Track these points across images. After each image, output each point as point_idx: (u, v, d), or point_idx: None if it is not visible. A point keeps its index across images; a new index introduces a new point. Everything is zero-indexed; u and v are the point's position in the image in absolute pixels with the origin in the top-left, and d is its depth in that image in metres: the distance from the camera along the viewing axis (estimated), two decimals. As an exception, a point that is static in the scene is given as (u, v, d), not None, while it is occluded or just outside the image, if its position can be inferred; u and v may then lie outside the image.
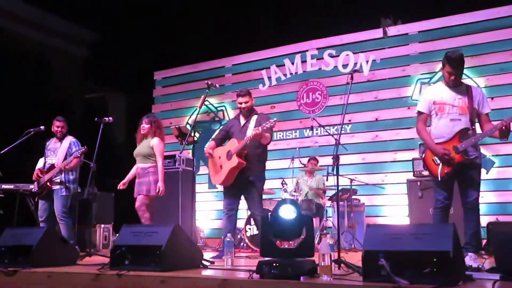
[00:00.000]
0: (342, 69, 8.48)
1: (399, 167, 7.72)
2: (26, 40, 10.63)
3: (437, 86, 4.60)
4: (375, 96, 8.13)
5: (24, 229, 4.35)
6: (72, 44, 11.89)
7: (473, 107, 4.30)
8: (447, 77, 4.32)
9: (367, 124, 8.09)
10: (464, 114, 4.26)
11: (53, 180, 5.84)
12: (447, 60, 4.28)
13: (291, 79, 8.93)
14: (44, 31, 11.23)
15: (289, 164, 7.69)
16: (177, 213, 7.40)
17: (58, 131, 6.03)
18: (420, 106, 4.52)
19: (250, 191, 5.09)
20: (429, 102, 4.40)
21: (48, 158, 6.01)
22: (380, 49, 8.26)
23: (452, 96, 4.33)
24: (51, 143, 6.10)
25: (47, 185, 5.81)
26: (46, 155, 6.06)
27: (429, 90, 4.62)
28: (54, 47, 11.24)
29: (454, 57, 4.25)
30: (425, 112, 4.44)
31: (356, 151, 7.93)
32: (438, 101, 4.37)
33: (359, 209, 7.21)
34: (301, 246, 3.20)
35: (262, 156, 5.24)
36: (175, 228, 3.65)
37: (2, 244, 4.11)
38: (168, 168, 7.55)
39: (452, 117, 4.28)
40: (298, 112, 8.74)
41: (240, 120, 5.37)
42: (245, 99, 5.27)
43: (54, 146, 6.03)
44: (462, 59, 4.31)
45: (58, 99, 10.67)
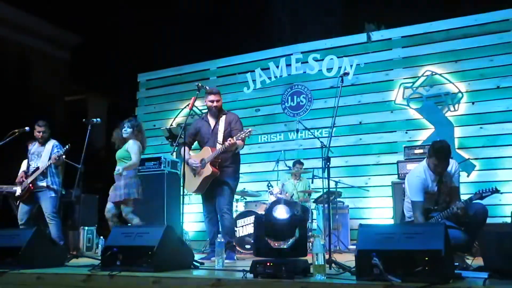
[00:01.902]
0: (327, 73, 8.58)
1: (382, 170, 7.83)
2: (7, 41, 10.49)
3: (424, 173, 4.35)
4: (358, 100, 8.24)
5: (12, 230, 4.30)
6: (54, 46, 11.78)
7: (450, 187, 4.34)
8: (433, 167, 4.26)
9: (351, 128, 8.19)
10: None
11: (36, 183, 5.76)
12: (434, 152, 4.21)
13: (276, 82, 8.99)
14: (26, 33, 11.11)
15: (274, 166, 7.72)
16: (162, 215, 7.35)
17: (39, 136, 5.96)
18: (417, 195, 4.29)
19: (222, 188, 5.05)
20: (421, 190, 4.28)
21: (32, 162, 5.93)
22: (364, 54, 8.38)
23: (436, 183, 4.32)
24: (34, 147, 6.04)
25: (30, 187, 5.74)
26: (30, 159, 5.98)
27: (420, 179, 4.33)
28: (35, 49, 11.12)
29: (441, 152, 4.19)
30: (422, 200, 4.28)
31: (340, 154, 8.02)
32: (428, 191, 4.31)
33: (343, 211, 7.29)
34: (294, 246, 3.25)
35: (234, 158, 5.18)
36: (167, 229, 3.66)
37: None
38: (153, 170, 7.53)
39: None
40: (283, 115, 8.80)
41: (208, 121, 5.27)
42: (217, 97, 5.20)
43: (38, 150, 5.97)
44: (449, 153, 4.23)
45: (39, 101, 10.55)
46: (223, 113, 5.25)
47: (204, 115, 5.54)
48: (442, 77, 7.80)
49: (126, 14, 10.11)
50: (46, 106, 10.68)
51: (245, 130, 4.79)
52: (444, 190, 4.28)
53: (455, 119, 7.61)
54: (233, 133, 5.05)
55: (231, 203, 5.23)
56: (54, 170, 5.87)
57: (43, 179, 5.79)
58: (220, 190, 5.04)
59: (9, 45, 10.38)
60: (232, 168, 5.12)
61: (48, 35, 11.59)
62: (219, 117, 5.20)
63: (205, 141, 5.19)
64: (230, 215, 5.08)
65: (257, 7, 8.99)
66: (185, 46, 9.56)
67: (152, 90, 10.17)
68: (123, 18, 10.09)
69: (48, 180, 5.79)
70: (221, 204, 5.02)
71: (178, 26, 9.64)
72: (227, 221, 5.02)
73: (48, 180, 5.79)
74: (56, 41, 11.75)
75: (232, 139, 4.78)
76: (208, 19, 9.48)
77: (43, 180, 5.79)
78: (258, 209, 7.00)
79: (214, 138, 5.12)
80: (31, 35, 11.18)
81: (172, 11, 9.60)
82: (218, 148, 4.95)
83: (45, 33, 11.52)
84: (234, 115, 5.27)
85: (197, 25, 9.53)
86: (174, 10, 9.60)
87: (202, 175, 5.00)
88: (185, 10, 9.58)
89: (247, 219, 6.79)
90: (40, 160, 5.84)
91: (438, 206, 4.26)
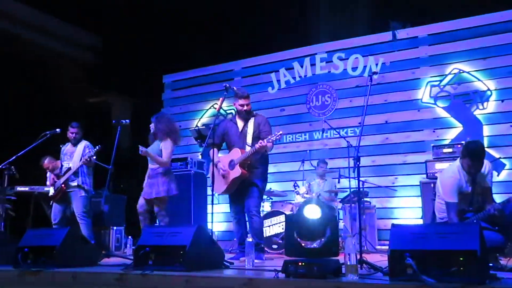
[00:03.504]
0: (352, 72, 8.54)
1: (410, 170, 7.76)
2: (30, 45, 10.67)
3: (458, 173, 4.27)
4: (384, 99, 8.17)
5: (46, 230, 4.39)
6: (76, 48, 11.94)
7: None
8: (466, 168, 4.19)
9: (377, 127, 8.13)
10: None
11: (68, 183, 5.88)
12: (467, 153, 4.14)
13: (301, 82, 8.98)
14: (47, 35, 11.27)
15: (300, 166, 7.72)
16: (189, 215, 7.43)
17: (72, 137, 6.10)
18: (451, 196, 4.22)
19: (251, 190, 5.07)
20: (456, 191, 4.21)
21: (64, 162, 6.08)
22: (389, 52, 8.31)
23: (470, 183, 4.25)
24: (67, 148, 6.17)
25: (62, 187, 5.86)
26: (62, 160, 6.12)
27: (454, 180, 4.26)
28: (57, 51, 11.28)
29: (475, 153, 4.12)
30: (457, 201, 4.21)
31: (366, 153, 7.95)
32: (462, 192, 4.24)
33: (370, 211, 7.24)
34: (326, 246, 3.25)
35: (263, 160, 5.19)
36: (198, 229, 3.70)
37: (25, 244, 4.15)
38: (180, 170, 7.61)
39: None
40: (308, 115, 8.79)
41: (237, 123, 5.29)
42: (247, 101, 5.21)
43: (70, 150, 6.10)
44: (483, 154, 4.15)
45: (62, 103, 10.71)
46: (251, 115, 5.27)
47: (232, 116, 5.57)
48: (470, 75, 7.69)
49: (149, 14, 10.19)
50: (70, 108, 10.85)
51: (276, 133, 4.77)
52: (478, 190, 4.22)
53: (484, 118, 7.49)
54: (262, 135, 5.06)
55: (260, 204, 5.26)
56: (85, 170, 5.98)
57: (75, 179, 5.91)
58: (249, 191, 5.06)
59: (30, 48, 10.57)
60: (260, 169, 5.13)
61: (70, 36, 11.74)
62: (248, 119, 5.22)
63: (233, 143, 5.21)
64: (259, 217, 5.10)
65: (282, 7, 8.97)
66: (209, 47, 9.58)
67: (178, 91, 10.27)
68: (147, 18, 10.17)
69: (79, 180, 5.91)
70: (250, 205, 5.04)
71: (203, 27, 9.67)
72: (256, 223, 5.03)
73: (79, 180, 5.91)
74: (78, 43, 11.91)
75: (263, 142, 4.78)
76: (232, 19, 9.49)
77: (75, 180, 5.91)
78: (284, 209, 7.00)
79: (243, 140, 5.14)
80: (52, 37, 11.34)
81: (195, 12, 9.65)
82: (248, 150, 4.97)
83: (67, 34, 11.67)
84: (263, 117, 5.29)
85: (221, 25, 9.55)
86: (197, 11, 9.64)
87: (231, 176, 5.02)
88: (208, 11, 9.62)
89: (274, 219, 6.80)
90: (72, 161, 5.96)
91: (472, 206, 4.20)
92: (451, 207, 4.16)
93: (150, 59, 10.10)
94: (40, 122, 8.24)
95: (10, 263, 4.14)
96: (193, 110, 9.93)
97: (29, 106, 9.52)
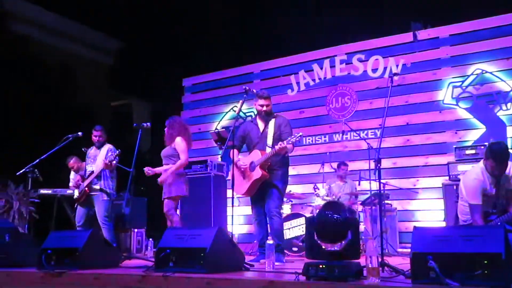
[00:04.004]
0: (372, 74, 8.47)
1: (431, 172, 7.66)
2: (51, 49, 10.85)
3: (481, 175, 4.22)
4: (405, 100, 8.09)
5: (69, 232, 4.45)
6: (98, 52, 12.10)
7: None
8: (490, 170, 4.13)
9: (398, 128, 8.05)
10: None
11: (92, 186, 5.95)
12: (491, 154, 4.08)
13: (320, 84, 8.94)
14: (69, 40, 11.43)
15: (320, 168, 7.69)
16: (208, 218, 7.44)
17: (96, 140, 6.17)
18: (475, 198, 4.16)
19: (271, 191, 5.06)
20: (480, 193, 4.15)
21: (88, 166, 6.16)
22: (410, 53, 8.22)
23: (493, 185, 4.19)
24: (91, 151, 6.25)
25: (86, 190, 5.93)
26: (86, 163, 6.21)
27: (478, 182, 4.20)
28: (79, 56, 11.43)
29: (499, 154, 4.06)
30: (481, 204, 4.14)
31: (387, 155, 7.87)
32: (486, 194, 4.18)
33: (391, 214, 7.16)
34: (347, 248, 3.22)
35: (283, 161, 5.18)
36: (218, 231, 3.71)
37: (48, 246, 4.22)
38: (200, 173, 7.64)
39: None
40: (328, 117, 8.75)
41: (258, 125, 5.30)
42: (267, 102, 5.21)
43: (94, 154, 6.18)
44: (507, 155, 4.08)
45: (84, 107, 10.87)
46: (272, 116, 5.26)
47: (253, 118, 5.58)
48: (493, 75, 7.56)
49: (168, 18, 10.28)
50: (92, 112, 11.00)
51: (296, 134, 4.76)
52: (502, 192, 4.15)
53: (508, 118, 7.35)
54: (283, 136, 5.05)
55: (281, 206, 5.24)
56: (108, 174, 6.04)
57: (97, 182, 5.97)
58: (269, 193, 5.06)
59: (52, 53, 10.75)
60: (281, 171, 5.12)
61: (91, 41, 11.91)
62: (269, 120, 5.21)
63: (254, 144, 5.21)
64: (279, 218, 5.08)
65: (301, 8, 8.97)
66: (229, 49, 9.64)
67: (198, 94, 10.32)
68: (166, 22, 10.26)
69: (102, 183, 5.97)
70: (271, 206, 5.03)
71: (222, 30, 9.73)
72: (276, 223, 5.02)
73: (102, 183, 5.97)
74: (99, 47, 12.07)
75: (283, 143, 4.77)
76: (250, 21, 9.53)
77: (97, 183, 5.97)
78: (304, 211, 6.98)
79: (263, 141, 5.14)
80: (74, 41, 11.52)
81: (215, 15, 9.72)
82: (269, 152, 4.97)
83: (88, 39, 11.84)
84: (284, 119, 5.28)
85: (240, 28, 9.60)
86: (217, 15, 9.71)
87: (252, 178, 5.02)
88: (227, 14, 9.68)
89: (294, 222, 6.77)
90: (95, 164, 6.03)
91: (496, 209, 4.13)
92: (475, 209, 4.10)
93: (170, 62, 10.20)
94: (63, 125, 8.39)
95: (34, 265, 4.21)
96: (213, 113, 9.96)
97: (53, 109, 9.68)
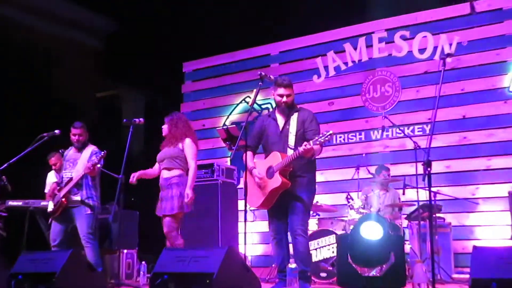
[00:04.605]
0: (419, 55, 8.43)
1: (494, 177, 7.63)
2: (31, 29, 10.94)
3: None
4: (461, 87, 8.04)
5: (44, 253, 4.50)
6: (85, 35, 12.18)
7: None
8: None
9: (452, 123, 8.01)
10: None
11: (70, 197, 5.98)
12: None
13: (354, 69, 8.93)
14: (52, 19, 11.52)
15: (354, 174, 7.66)
16: (216, 236, 7.46)
17: (75, 140, 6.16)
18: None
19: (294, 204, 5.02)
20: None
21: (66, 171, 6.15)
22: (467, 29, 8.16)
23: None
24: (70, 153, 6.26)
25: (63, 202, 5.96)
26: (64, 167, 6.22)
27: None
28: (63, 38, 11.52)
29: None
30: None
31: (439, 157, 7.82)
32: None
33: (444, 231, 7.12)
34: (388, 274, 3.21)
35: (309, 166, 5.15)
36: (228, 252, 3.71)
37: (19, 270, 4.26)
38: (204, 180, 7.66)
39: None
40: (363, 110, 8.74)
41: (276, 120, 5.27)
42: (288, 91, 5.17)
43: (74, 157, 6.17)
44: None
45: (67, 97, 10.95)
46: (295, 109, 5.23)
47: (270, 111, 5.57)
48: None
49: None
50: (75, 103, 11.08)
51: (324, 133, 4.72)
52: None
53: None
54: (308, 135, 5.03)
55: (307, 222, 5.18)
56: (90, 182, 6.07)
57: (77, 192, 5.99)
58: (292, 206, 5.04)
59: (34, 33, 10.84)
60: (306, 178, 5.09)
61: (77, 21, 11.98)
62: (290, 115, 5.20)
63: (272, 145, 5.19)
64: (305, 238, 5.04)
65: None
66: (239, 27, 9.60)
67: (201, 82, 10.36)
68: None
69: (83, 194, 5.98)
70: (294, 223, 5.01)
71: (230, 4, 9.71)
72: (301, 245, 4.99)
73: (83, 193, 5.98)
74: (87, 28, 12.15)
75: (308, 144, 4.75)
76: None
77: (77, 193, 5.98)
78: (335, 227, 6.96)
79: (284, 141, 5.12)
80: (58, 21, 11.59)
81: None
82: (290, 154, 4.93)
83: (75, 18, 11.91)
84: (309, 112, 5.25)
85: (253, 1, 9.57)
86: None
87: (270, 186, 5.00)
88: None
89: (322, 240, 6.74)
90: (75, 169, 6.05)
91: None
92: None
93: (167, 43, 10.20)
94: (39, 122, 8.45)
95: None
96: (220, 105, 10.01)
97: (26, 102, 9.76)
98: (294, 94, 5.26)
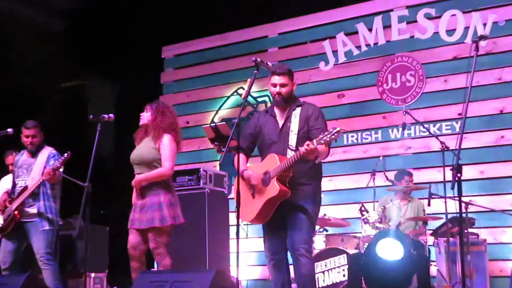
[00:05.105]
0: (446, 37, 8.46)
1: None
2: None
3: None
4: (498, 77, 8.08)
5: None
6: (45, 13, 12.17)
7: None
8: None
9: (487, 120, 8.05)
10: None
11: (24, 209, 5.95)
12: None
13: (368, 54, 8.97)
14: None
15: (369, 181, 7.67)
16: (202, 255, 7.46)
17: (28, 142, 6.14)
18: None
19: (296, 217, 4.98)
20: None
21: (19, 179, 6.16)
22: (504, 5, 8.20)
23: None
24: (23, 158, 6.25)
25: (15, 215, 5.94)
26: (17, 175, 6.20)
27: None
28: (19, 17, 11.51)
29: None
30: None
31: (471, 160, 7.86)
32: None
33: (478, 249, 7.13)
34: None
35: (313, 171, 5.13)
36: (217, 276, 3.70)
37: (-36, 299, 4.24)
38: (189, 188, 7.66)
39: None
40: (380, 103, 8.76)
41: (275, 116, 5.24)
42: (283, 80, 5.09)
43: (28, 162, 6.17)
44: None
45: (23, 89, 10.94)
46: (296, 104, 5.21)
47: (268, 107, 5.55)
48: None
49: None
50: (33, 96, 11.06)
51: (331, 130, 4.71)
52: None
53: None
54: (313, 134, 5.01)
55: (311, 239, 5.19)
56: (49, 191, 6.06)
57: (34, 204, 5.99)
58: (293, 219, 5.00)
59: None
60: (311, 186, 5.07)
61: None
62: (292, 110, 5.19)
63: (270, 145, 5.17)
64: (309, 259, 5.02)
65: None
66: (231, 3, 9.59)
67: (184, 70, 10.36)
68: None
69: (41, 205, 5.98)
70: (296, 241, 4.97)
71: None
72: (304, 266, 4.97)
73: (40, 205, 5.98)
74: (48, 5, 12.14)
75: (311, 143, 4.74)
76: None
77: (34, 204, 5.98)
78: (346, 245, 6.95)
79: (284, 141, 5.10)
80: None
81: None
82: (290, 156, 4.92)
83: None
84: (314, 108, 5.23)
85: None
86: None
87: (266, 196, 4.99)
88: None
89: (330, 261, 6.74)
90: (30, 177, 6.03)
91: None
92: None
93: (145, 23, 10.19)
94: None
95: None
96: (207, 98, 10.02)
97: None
98: (293, 84, 5.21)
